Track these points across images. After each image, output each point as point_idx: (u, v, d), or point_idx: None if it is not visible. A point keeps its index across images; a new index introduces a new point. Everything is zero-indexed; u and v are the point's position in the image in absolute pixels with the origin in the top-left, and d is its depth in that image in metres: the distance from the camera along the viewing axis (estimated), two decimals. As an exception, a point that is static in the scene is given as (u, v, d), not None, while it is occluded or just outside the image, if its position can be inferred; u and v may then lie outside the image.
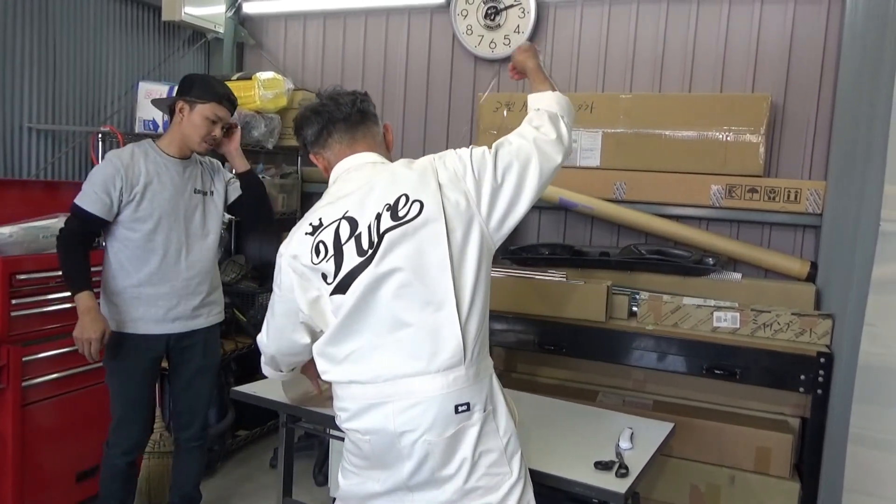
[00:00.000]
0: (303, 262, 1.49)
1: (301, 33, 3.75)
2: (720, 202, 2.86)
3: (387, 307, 1.44)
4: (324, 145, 1.61)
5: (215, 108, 2.24)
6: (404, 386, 1.43)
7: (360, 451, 1.53)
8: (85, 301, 2.13)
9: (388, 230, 1.44)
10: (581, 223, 3.23)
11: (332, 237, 1.46)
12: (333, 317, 1.47)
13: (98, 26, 3.17)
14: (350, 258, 1.44)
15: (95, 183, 2.17)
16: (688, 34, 3.05)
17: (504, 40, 3.29)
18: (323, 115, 1.60)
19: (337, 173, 1.59)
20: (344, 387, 1.51)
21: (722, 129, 2.86)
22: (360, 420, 1.48)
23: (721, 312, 2.46)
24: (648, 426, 2.05)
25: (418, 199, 1.45)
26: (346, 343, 1.48)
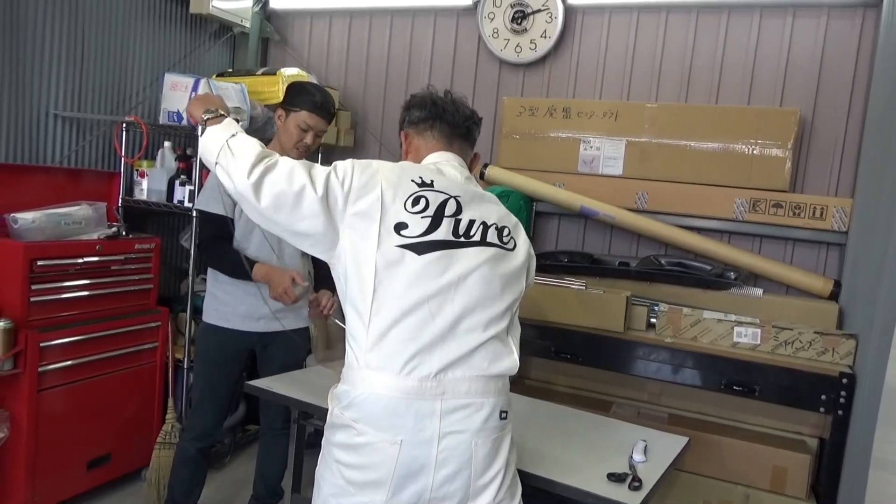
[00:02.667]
0: (397, 195, 1.42)
1: (326, 31, 3.76)
2: (743, 216, 2.82)
3: (463, 301, 1.42)
4: (420, 132, 1.64)
5: (308, 116, 2.28)
6: (456, 385, 1.40)
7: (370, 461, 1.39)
8: (261, 269, 2.21)
9: (493, 245, 1.50)
10: (600, 231, 3.21)
11: (438, 203, 1.45)
12: (371, 267, 1.39)
13: (126, 16, 3.19)
14: (443, 232, 1.43)
15: (212, 187, 2.28)
16: (717, 45, 3.02)
17: (530, 45, 3.27)
18: (437, 109, 1.63)
19: (434, 159, 1.60)
20: (371, 372, 1.38)
21: (748, 143, 2.83)
22: (381, 416, 1.37)
23: (742, 328, 2.42)
24: (663, 439, 2.02)
25: (511, 236, 1.55)
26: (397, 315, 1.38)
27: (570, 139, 3.11)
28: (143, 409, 2.86)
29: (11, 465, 2.43)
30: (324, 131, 2.36)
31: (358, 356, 1.40)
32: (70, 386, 2.56)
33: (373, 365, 1.38)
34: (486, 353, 1.44)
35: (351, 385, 1.41)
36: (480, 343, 1.43)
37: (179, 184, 2.98)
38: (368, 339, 1.38)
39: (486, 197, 1.57)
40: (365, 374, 1.39)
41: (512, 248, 1.54)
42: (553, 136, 3.14)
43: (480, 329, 1.44)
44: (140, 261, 2.81)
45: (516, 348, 1.51)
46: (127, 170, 3.08)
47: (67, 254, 2.52)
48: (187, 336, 2.94)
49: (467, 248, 1.45)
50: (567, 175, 3.10)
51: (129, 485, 2.85)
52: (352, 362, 1.43)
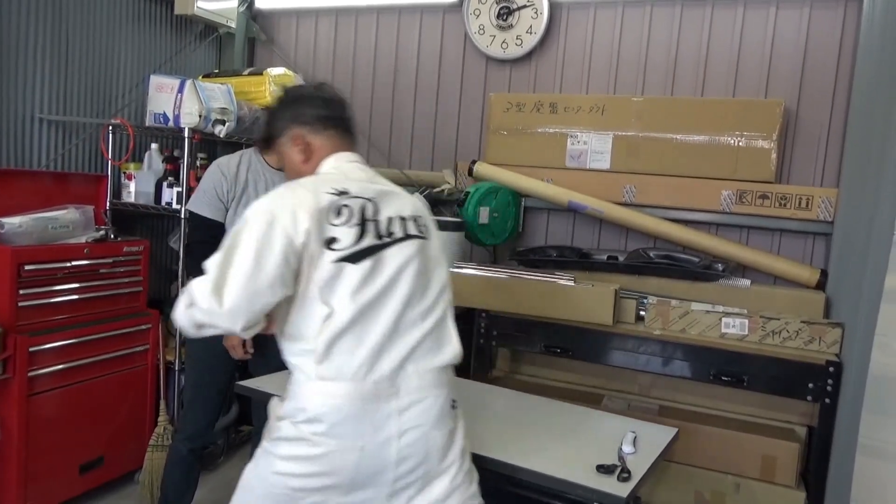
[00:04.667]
0: (321, 217, 1.40)
1: (313, 30, 3.75)
2: (730, 207, 2.84)
3: (400, 298, 1.46)
4: (318, 132, 1.60)
5: None
6: (408, 382, 1.45)
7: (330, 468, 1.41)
8: None
9: (414, 237, 1.54)
10: (589, 226, 3.22)
11: (360, 209, 1.47)
12: (315, 283, 1.39)
13: (111, 19, 3.18)
14: (371, 237, 1.46)
15: (206, 190, 2.29)
16: (701, 38, 3.03)
17: (516, 40, 3.28)
18: (332, 107, 1.63)
19: (336, 161, 1.59)
20: (326, 383, 1.40)
21: (734, 134, 2.84)
22: (341, 424, 1.39)
23: (730, 319, 2.44)
24: (652, 431, 2.03)
25: (426, 224, 1.60)
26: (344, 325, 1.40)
27: (558, 134, 3.12)
28: (135, 412, 2.86)
29: (3, 470, 2.43)
30: None
31: (307, 370, 1.42)
32: (61, 390, 2.55)
33: (326, 376, 1.40)
34: (430, 345, 1.50)
35: (305, 399, 1.42)
36: (423, 336, 1.48)
37: (167, 185, 2.98)
38: (318, 352, 1.40)
39: (395, 191, 1.60)
40: (319, 386, 1.41)
41: (429, 237, 1.59)
42: (541, 132, 3.15)
43: (420, 323, 1.48)
44: (129, 263, 2.81)
45: (456, 336, 1.57)
46: (114, 172, 3.07)
47: (55, 258, 2.52)
48: (178, 338, 2.93)
49: (393, 247, 1.49)
50: (555, 170, 3.12)
51: (123, 488, 2.84)
52: (300, 377, 1.44)
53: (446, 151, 3.50)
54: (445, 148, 3.51)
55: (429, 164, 3.52)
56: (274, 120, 1.65)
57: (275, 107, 1.67)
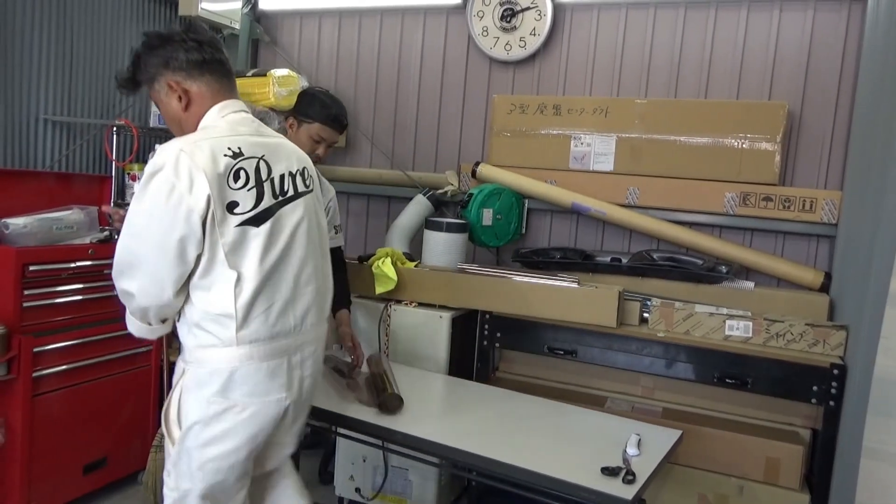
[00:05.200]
0: (220, 180, 1.41)
1: (316, 31, 3.76)
2: (734, 210, 2.84)
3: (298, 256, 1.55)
4: (196, 78, 1.53)
5: (321, 129, 2.27)
6: (307, 334, 1.58)
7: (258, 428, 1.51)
8: None
9: (303, 193, 1.59)
10: (592, 227, 3.22)
11: (255, 169, 1.48)
12: (221, 248, 1.42)
13: (115, 20, 3.18)
14: (268, 198, 1.50)
15: None
16: (705, 40, 3.03)
17: (520, 42, 3.28)
18: (205, 51, 1.53)
19: (223, 111, 1.55)
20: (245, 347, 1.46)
21: (737, 137, 2.84)
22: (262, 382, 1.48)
23: (734, 321, 2.44)
24: (656, 433, 2.04)
25: (311, 175, 1.66)
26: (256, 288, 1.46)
27: (561, 136, 3.12)
28: (138, 413, 2.86)
29: (7, 471, 2.43)
30: (335, 142, 2.36)
31: (224, 335, 1.45)
32: (65, 390, 2.56)
33: (244, 340, 1.46)
34: (322, 298, 1.64)
35: (223, 363, 1.46)
36: (317, 291, 1.60)
37: (171, 187, 2.98)
38: (238, 318, 1.45)
39: (280, 143, 1.61)
40: (236, 350, 1.46)
41: (312, 188, 1.65)
42: (544, 134, 3.15)
43: (314, 277, 1.59)
44: (133, 264, 2.81)
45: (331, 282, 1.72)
46: (118, 173, 3.07)
47: (60, 258, 2.52)
48: (182, 339, 2.93)
49: (288, 205, 1.54)
50: (558, 172, 3.12)
51: (126, 488, 2.85)
52: (211, 341, 1.46)
53: (449, 153, 3.50)
54: (448, 150, 3.51)
55: (432, 166, 3.52)
56: (143, 64, 1.55)
57: (142, 50, 1.56)
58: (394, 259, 2.79)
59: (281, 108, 3.32)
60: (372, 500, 2.67)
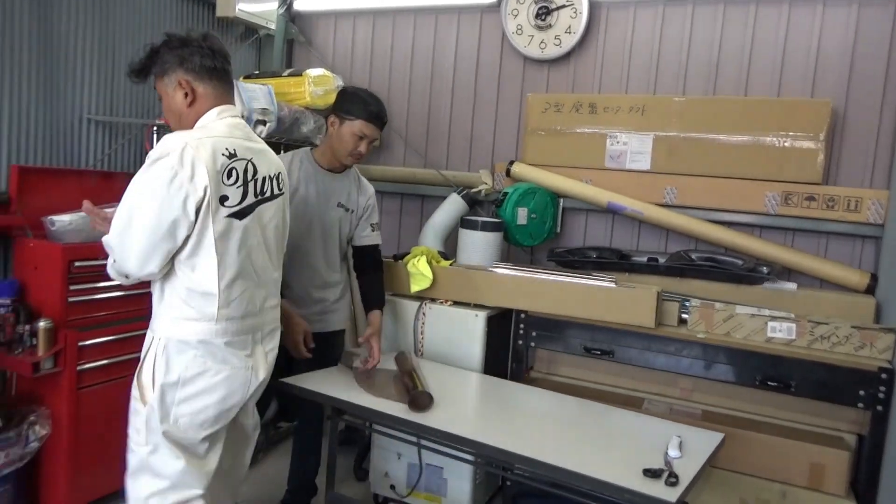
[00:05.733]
0: (218, 174, 1.62)
1: (350, 31, 3.78)
2: (775, 209, 2.78)
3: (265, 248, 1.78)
4: (205, 81, 1.72)
5: (363, 125, 2.29)
6: (269, 314, 1.82)
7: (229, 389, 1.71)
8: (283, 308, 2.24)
9: (278, 195, 1.82)
10: (628, 227, 3.18)
11: (244, 170, 1.69)
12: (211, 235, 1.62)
13: (155, 21, 3.24)
14: (251, 196, 1.72)
15: None
16: (745, 36, 2.97)
17: (555, 40, 3.26)
18: (217, 60, 1.73)
19: (223, 114, 1.74)
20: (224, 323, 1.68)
21: (779, 135, 2.79)
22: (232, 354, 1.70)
23: (776, 323, 2.39)
24: (697, 435, 2.01)
25: (284, 180, 1.89)
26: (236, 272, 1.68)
27: (597, 135, 3.09)
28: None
29: (53, 462, 2.49)
30: (376, 139, 2.38)
31: (206, 310, 1.66)
32: (106, 384, 2.60)
33: (223, 317, 1.68)
34: (276, 286, 1.87)
35: (203, 334, 1.67)
36: (274, 280, 1.85)
37: (209, 185, 3.03)
38: (220, 299, 1.67)
39: (264, 150, 1.82)
40: (216, 326, 1.67)
41: (285, 192, 1.88)
42: (579, 132, 3.12)
43: (276, 267, 1.85)
44: (172, 261, 2.85)
45: None
46: (158, 172, 3.12)
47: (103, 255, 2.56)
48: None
49: (266, 203, 1.76)
50: (594, 171, 3.09)
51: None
52: (190, 315, 1.67)
53: (483, 152, 3.50)
54: (482, 148, 3.50)
55: (466, 165, 3.52)
56: (158, 59, 1.73)
57: (162, 47, 1.73)
58: (429, 258, 2.79)
59: (315, 108, 3.35)
60: (406, 498, 2.67)
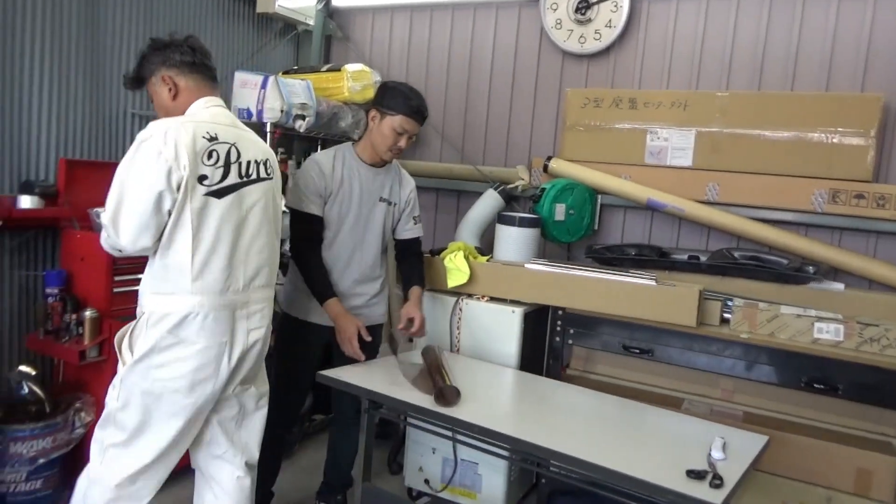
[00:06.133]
0: (197, 155, 1.72)
1: (388, 27, 3.79)
2: (822, 207, 2.71)
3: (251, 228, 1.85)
4: (185, 75, 1.86)
5: (404, 121, 2.29)
6: (255, 294, 1.87)
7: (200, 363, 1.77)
8: (333, 308, 2.29)
9: (264, 179, 1.90)
10: (668, 224, 3.13)
11: (226, 153, 1.79)
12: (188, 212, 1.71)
13: (197, 17, 3.29)
14: (233, 177, 1.81)
15: (306, 186, 2.32)
16: (792, 29, 2.90)
17: (595, 35, 3.22)
18: (196, 56, 1.88)
19: (203, 107, 1.85)
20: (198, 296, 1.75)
21: (827, 131, 2.71)
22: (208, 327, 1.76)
23: (823, 324, 2.32)
24: (740, 437, 1.96)
25: (272, 166, 1.96)
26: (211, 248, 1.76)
27: (637, 130, 3.04)
28: (215, 398, 2.94)
29: (97, 449, 2.55)
30: (416, 134, 2.39)
31: (181, 284, 1.74)
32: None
33: (198, 291, 1.75)
34: (270, 267, 1.93)
35: (178, 308, 1.74)
36: (265, 260, 1.90)
37: (249, 179, 3.06)
38: (194, 271, 1.74)
39: (250, 136, 1.91)
40: (193, 299, 1.75)
41: (273, 176, 1.95)
42: (619, 128, 3.08)
43: (265, 249, 1.90)
44: (213, 254, 2.90)
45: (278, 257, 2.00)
46: (199, 166, 3.16)
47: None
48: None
49: (250, 186, 1.85)
50: (633, 167, 3.05)
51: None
52: (169, 289, 1.76)
53: (520, 147, 3.47)
54: (519, 144, 3.48)
55: (502, 161, 3.50)
56: (145, 62, 1.89)
57: (146, 51, 1.89)
58: (466, 253, 2.79)
59: (354, 103, 3.36)
60: (441, 492, 2.68)
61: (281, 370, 2.48)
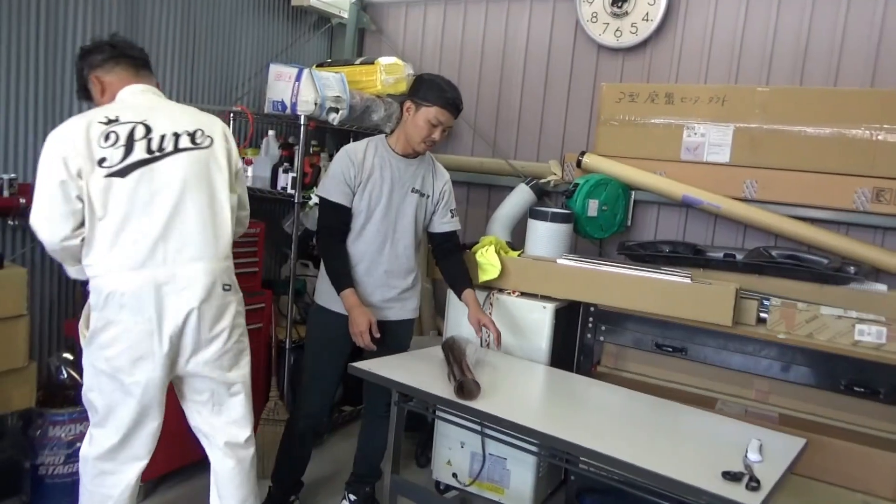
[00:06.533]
0: (90, 142, 1.78)
1: (421, 20, 3.78)
2: (865, 206, 2.64)
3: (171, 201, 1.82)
4: (109, 71, 1.93)
5: (439, 112, 2.29)
6: (182, 268, 1.82)
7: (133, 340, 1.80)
8: (348, 298, 2.31)
9: (188, 149, 1.87)
10: (703, 221, 3.08)
11: (128, 132, 1.81)
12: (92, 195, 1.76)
13: (233, 11, 3.32)
14: (139, 153, 1.81)
15: (335, 175, 2.34)
16: (836, 22, 2.82)
17: (631, 28, 3.17)
18: (116, 49, 1.94)
19: (124, 94, 1.92)
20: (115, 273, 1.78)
21: (871, 128, 2.63)
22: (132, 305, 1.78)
23: (864, 325, 2.27)
24: (776, 439, 1.93)
25: (210, 135, 1.93)
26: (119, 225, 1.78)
27: (673, 126, 2.99)
28: (247, 387, 2.98)
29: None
30: (451, 127, 2.38)
31: (99, 264, 1.79)
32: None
33: (114, 268, 1.78)
34: (203, 239, 1.85)
35: (101, 287, 1.79)
36: (194, 232, 1.84)
37: (282, 171, 3.09)
38: (105, 250, 1.78)
39: (173, 110, 1.93)
40: (110, 277, 1.78)
41: (208, 145, 1.91)
42: (654, 123, 3.03)
43: (195, 221, 1.85)
44: (246, 245, 2.92)
45: (228, 230, 1.93)
46: (234, 157, 3.20)
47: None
48: (289, 317, 3.04)
49: (164, 159, 1.83)
50: (669, 163, 3.00)
51: (235, 458, 2.98)
52: (94, 271, 1.80)
53: (553, 142, 3.44)
54: (552, 139, 3.45)
55: (534, 155, 3.48)
56: (78, 73, 1.98)
57: (77, 61, 1.98)
58: (497, 248, 2.78)
59: (387, 96, 3.37)
60: (469, 487, 2.68)
61: (309, 360, 2.50)
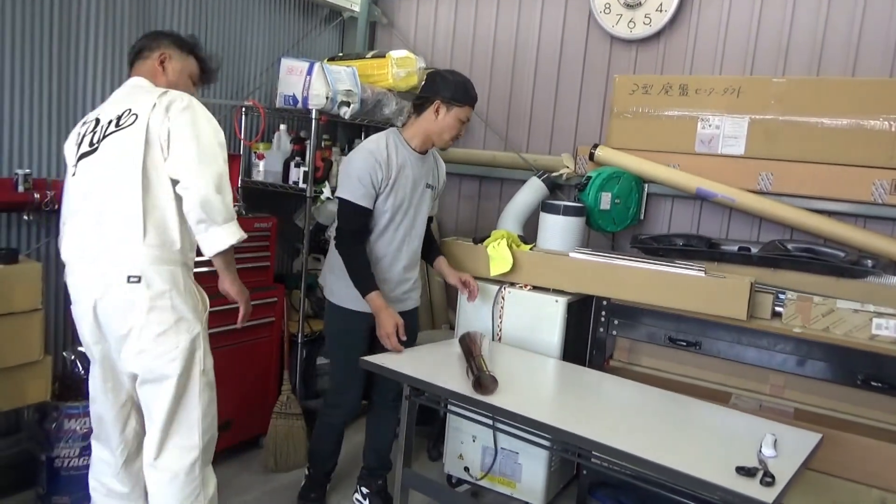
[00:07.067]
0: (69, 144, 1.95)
1: (432, 13, 3.76)
2: (883, 198, 2.60)
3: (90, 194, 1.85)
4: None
5: (468, 111, 2.36)
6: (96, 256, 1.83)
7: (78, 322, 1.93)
8: (375, 301, 2.30)
9: (109, 135, 1.85)
10: (717, 214, 3.05)
11: (81, 133, 1.92)
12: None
13: (245, 5, 3.32)
14: (84, 147, 1.89)
15: (361, 178, 2.29)
16: (854, 12, 2.77)
17: (644, 19, 3.14)
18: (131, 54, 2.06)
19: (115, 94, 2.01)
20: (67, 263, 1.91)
21: (890, 118, 2.59)
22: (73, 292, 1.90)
23: (882, 319, 2.23)
24: (791, 434, 1.91)
25: (136, 112, 1.83)
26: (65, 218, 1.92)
27: (687, 118, 2.96)
28: (260, 381, 3.00)
29: (147, 427, 2.62)
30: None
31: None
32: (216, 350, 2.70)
33: (65, 251, 1.91)
34: (125, 222, 1.79)
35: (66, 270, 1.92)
36: (96, 222, 1.83)
37: (294, 165, 3.09)
38: (60, 239, 1.93)
39: (128, 94, 1.93)
40: (63, 259, 1.92)
41: (131, 123, 1.82)
42: (668, 115, 3.00)
43: (109, 210, 1.82)
44: (259, 239, 2.93)
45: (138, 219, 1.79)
46: (246, 152, 3.22)
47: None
48: (301, 312, 3.05)
49: (97, 151, 1.85)
50: (682, 155, 2.97)
51: (248, 451, 3.01)
52: None
53: (565, 135, 3.42)
54: (564, 132, 3.43)
55: (547, 148, 3.46)
56: None
57: None
58: (509, 241, 2.77)
59: (398, 89, 3.36)
60: (480, 480, 2.68)
61: (338, 358, 2.53)
